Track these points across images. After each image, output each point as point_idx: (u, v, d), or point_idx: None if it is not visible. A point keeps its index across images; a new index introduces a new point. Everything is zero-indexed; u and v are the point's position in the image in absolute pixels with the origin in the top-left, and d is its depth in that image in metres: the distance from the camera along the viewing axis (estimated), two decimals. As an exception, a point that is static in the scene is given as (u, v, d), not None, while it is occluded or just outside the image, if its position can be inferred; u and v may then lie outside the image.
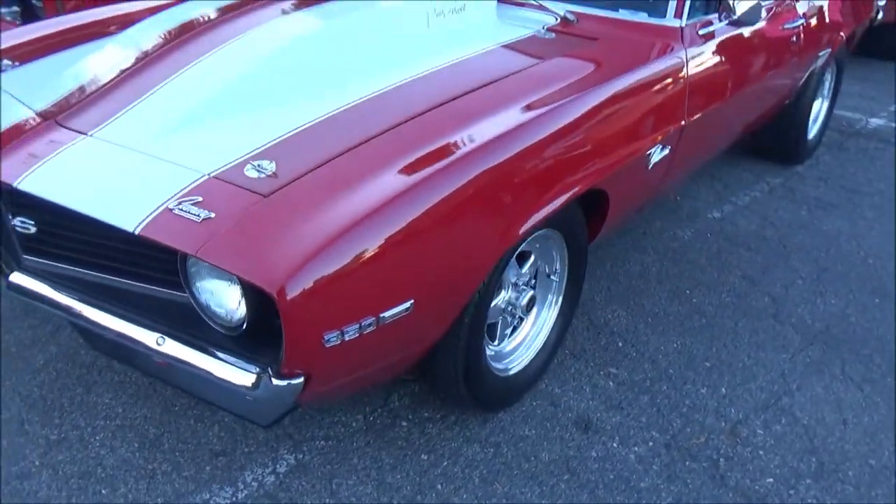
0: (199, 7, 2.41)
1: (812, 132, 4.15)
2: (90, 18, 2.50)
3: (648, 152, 2.27)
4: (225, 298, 1.55)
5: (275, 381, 1.48)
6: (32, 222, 1.76)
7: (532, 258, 2.13)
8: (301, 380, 1.49)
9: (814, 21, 3.43)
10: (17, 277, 1.79)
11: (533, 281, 2.17)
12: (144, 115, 1.83)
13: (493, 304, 2.00)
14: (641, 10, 2.55)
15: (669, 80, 2.35)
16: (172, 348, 1.58)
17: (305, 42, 2.15)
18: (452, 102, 1.87)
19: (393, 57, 2.09)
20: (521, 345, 2.22)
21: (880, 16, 4.69)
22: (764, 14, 3.01)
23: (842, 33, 3.78)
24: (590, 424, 2.16)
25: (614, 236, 3.11)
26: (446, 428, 2.11)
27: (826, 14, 3.58)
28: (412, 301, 1.58)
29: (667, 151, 2.40)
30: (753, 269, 3.02)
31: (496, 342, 2.14)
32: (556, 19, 2.49)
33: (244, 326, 1.54)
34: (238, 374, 1.51)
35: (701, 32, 2.55)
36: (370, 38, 2.19)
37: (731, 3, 2.58)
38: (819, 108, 4.21)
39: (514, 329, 2.22)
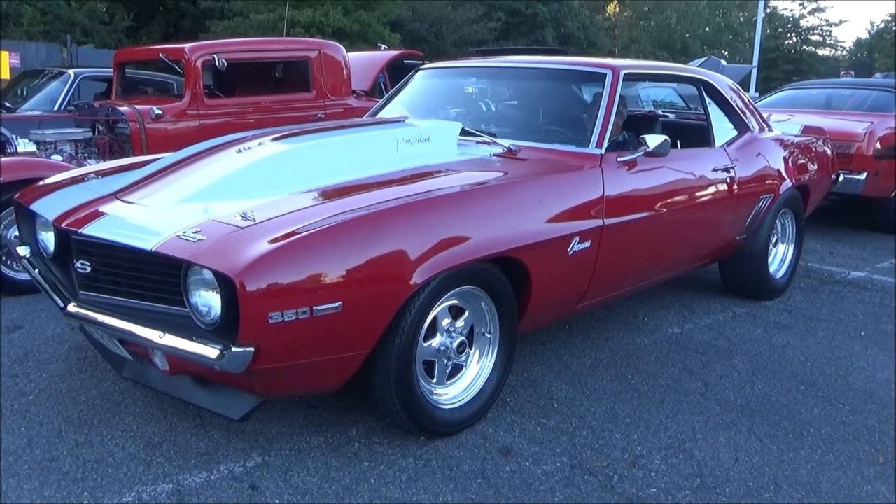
0: (208, 143, 3.28)
1: (780, 272, 4.65)
2: (137, 160, 3.59)
3: (565, 237, 2.86)
4: (209, 299, 2.18)
5: (233, 349, 2.06)
6: (89, 264, 2.48)
7: (466, 314, 2.69)
8: (252, 349, 2.06)
9: (749, 168, 4.07)
10: (72, 308, 2.49)
11: (466, 331, 2.71)
12: (170, 193, 2.62)
13: (427, 344, 2.56)
14: (571, 143, 3.29)
15: (585, 186, 3.01)
16: (169, 339, 2.20)
17: (296, 152, 2.94)
18: (387, 186, 2.58)
19: (358, 164, 2.83)
20: (459, 387, 2.72)
21: (841, 178, 5.32)
22: (688, 155, 3.72)
23: (786, 182, 4.38)
24: (510, 451, 2.57)
25: (563, 326, 3.60)
26: (390, 448, 2.57)
27: (764, 163, 4.22)
28: (340, 303, 2.17)
29: (587, 245, 2.99)
30: (695, 364, 3.44)
31: (434, 379, 2.64)
32: (503, 149, 3.24)
33: (219, 322, 2.15)
34: (209, 350, 2.11)
35: (620, 160, 3.23)
36: (341, 154, 2.95)
37: (646, 139, 3.27)
38: (785, 252, 4.75)
39: (455, 374, 2.72)
